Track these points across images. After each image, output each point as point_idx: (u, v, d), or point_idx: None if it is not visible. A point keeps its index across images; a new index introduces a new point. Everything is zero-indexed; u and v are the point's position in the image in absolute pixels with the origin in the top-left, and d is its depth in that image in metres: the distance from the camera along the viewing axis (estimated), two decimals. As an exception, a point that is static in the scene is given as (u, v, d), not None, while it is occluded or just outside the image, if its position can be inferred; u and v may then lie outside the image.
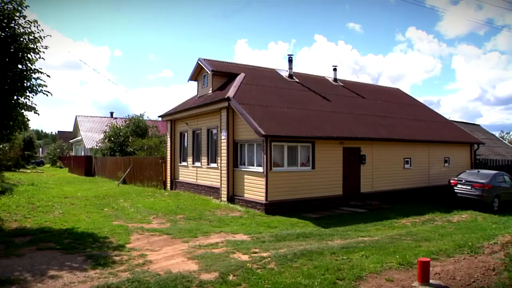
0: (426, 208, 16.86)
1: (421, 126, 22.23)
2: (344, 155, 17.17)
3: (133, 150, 33.74)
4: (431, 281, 6.16)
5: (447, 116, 30.12)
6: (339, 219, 13.99)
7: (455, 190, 18.06)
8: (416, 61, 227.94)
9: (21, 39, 11.41)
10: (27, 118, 12.63)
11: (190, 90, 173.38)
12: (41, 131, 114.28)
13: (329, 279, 6.42)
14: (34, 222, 12.12)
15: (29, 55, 11.68)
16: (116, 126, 37.59)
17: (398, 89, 28.83)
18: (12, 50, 11.15)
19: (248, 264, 7.27)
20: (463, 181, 18.03)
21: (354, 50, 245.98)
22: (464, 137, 23.81)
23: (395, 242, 9.48)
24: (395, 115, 22.07)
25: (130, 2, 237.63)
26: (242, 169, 16.38)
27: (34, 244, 9.21)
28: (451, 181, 18.46)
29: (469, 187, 17.65)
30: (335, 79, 23.80)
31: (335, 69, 23.84)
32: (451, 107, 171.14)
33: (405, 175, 19.90)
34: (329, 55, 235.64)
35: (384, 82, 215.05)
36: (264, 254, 8.14)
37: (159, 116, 24.23)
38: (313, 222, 13.34)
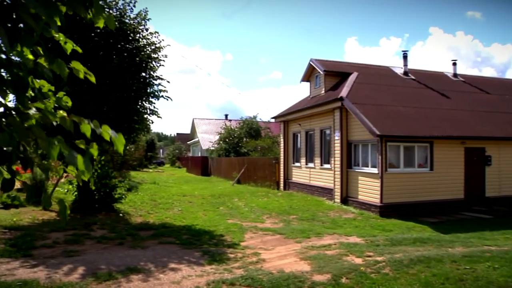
0: None
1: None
2: (466, 155, 15.96)
3: (246, 151, 34.82)
4: None
5: None
6: (460, 225, 13.00)
7: None
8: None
9: (145, 49, 12.65)
10: (150, 121, 13.88)
11: (300, 91, 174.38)
12: (161, 133, 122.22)
13: (451, 289, 6.07)
14: (156, 217, 13.16)
15: (151, 64, 12.89)
16: (230, 128, 38.94)
17: (530, 82, 25.96)
18: (137, 60, 12.41)
19: (361, 268, 7.10)
20: None
21: (476, 40, 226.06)
22: None
23: (529, 253, 8.61)
24: (527, 112, 19.92)
25: (237, 6, 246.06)
26: (356, 170, 16.10)
27: (156, 238, 9.94)
28: None
29: None
30: (455, 74, 22.24)
31: (454, 64, 22.32)
32: None
33: (540, 178, 17.84)
34: (446, 48, 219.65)
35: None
36: (379, 258, 7.88)
37: (272, 118, 24.82)
38: (431, 226, 12.60)
